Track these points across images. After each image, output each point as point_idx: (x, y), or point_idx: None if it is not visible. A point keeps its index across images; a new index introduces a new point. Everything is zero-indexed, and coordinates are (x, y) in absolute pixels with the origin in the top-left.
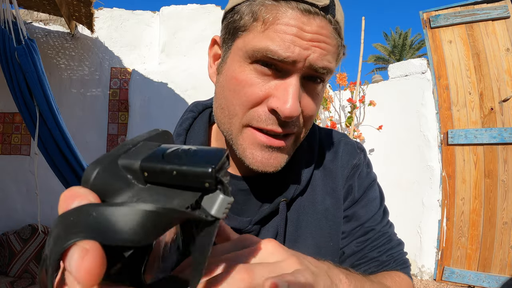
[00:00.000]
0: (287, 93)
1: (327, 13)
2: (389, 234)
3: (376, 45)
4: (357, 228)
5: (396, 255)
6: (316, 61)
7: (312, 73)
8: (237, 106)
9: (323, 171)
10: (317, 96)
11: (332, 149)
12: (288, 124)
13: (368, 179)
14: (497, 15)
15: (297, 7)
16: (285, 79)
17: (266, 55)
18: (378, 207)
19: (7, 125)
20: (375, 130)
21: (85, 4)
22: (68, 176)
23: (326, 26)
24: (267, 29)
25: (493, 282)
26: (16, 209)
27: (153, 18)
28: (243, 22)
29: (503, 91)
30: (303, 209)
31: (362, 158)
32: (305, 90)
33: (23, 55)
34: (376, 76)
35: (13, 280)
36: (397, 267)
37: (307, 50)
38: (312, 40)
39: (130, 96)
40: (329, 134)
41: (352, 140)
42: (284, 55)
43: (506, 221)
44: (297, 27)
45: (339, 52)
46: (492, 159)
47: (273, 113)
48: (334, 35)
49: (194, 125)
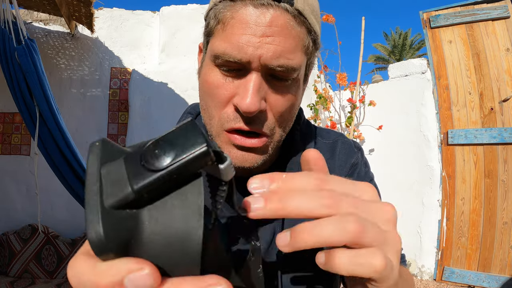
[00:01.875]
0: (246, 89)
1: (281, 2)
2: None
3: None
4: None
5: None
6: (270, 61)
7: (271, 72)
8: (213, 108)
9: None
10: (288, 94)
11: (329, 148)
12: (254, 121)
13: (366, 178)
14: (497, 15)
15: (251, 3)
16: (245, 77)
17: (224, 59)
18: None
19: (7, 125)
20: (375, 130)
21: (85, 4)
22: (68, 176)
23: (282, 15)
24: (225, 30)
25: (493, 282)
26: (16, 209)
27: (153, 18)
28: (210, 27)
29: (503, 91)
30: None
31: (359, 157)
32: (272, 88)
33: (23, 55)
34: (376, 76)
35: (13, 280)
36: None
37: (259, 49)
38: (265, 35)
39: (130, 96)
40: (326, 133)
41: (349, 139)
42: (238, 57)
43: (506, 221)
44: (250, 24)
45: (306, 43)
46: (492, 159)
47: (238, 111)
48: (294, 24)
49: None
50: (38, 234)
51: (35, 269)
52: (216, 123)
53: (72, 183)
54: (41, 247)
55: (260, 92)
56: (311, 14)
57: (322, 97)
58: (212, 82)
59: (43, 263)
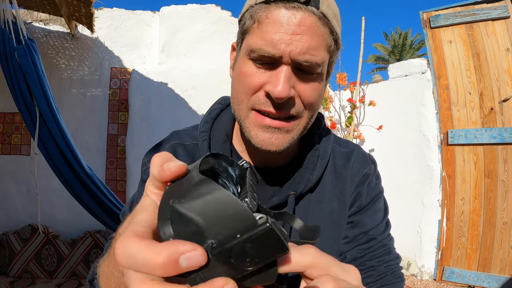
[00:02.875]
0: (278, 78)
1: (309, 5)
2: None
3: (376, 45)
4: (360, 235)
5: (393, 268)
6: (298, 56)
7: (298, 65)
8: (242, 94)
9: (333, 174)
10: (314, 85)
11: (345, 156)
12: (283, 105)
13: (376, 190)
14: (497, 15)
15: (283, 5)
16: (277, 69)
17: (259, 53)
18: (382, 218)
19: (7, 125)
20: (375, 130)
21: (85, 4)
22: (68, 176)
23: (309, 17)
24: (260, 28)
25: (493, 282)
26: (16, 209)
27: (153, 18)
28: (246, 26)
29: (503, 91)
30: (311, 207)
31: (372, 169)
32: (300, 79)
33: (23, 55)
34: (376, 76)
35: (13, 280)
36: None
37: (290, 46)
38: (295, 33)
39: (130, 96)
40: (344, 142)
41: (365, 152)
42: (272, 52)
43: (506, 221)
44: (282, 23)
45: (329, 42)
46: (492, 159)
47: (268, 97)
48: (319, 25)
49: (221, 115)
50: (38, 234)
51: (35, 269)
52: (245, 106)
53: (72, 183)
54: (41, 247)
55: (290, 81)
56: (333, 18)
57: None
58: (245, 72)
59: (43, 263)
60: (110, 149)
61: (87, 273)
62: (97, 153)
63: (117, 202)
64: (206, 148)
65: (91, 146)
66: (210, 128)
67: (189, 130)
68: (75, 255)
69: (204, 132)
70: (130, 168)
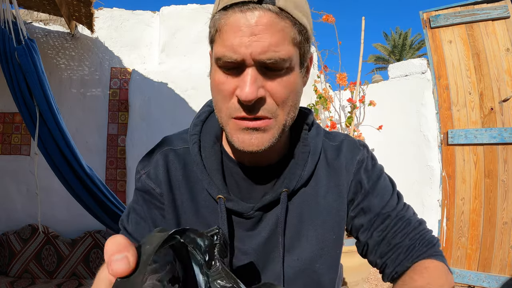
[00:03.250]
0: (244, 82)
1: (263, 3)
2: (407, 217)
3: (376, 45)
4: (374, 219)
5: (418, 237)
6: (260, 55)
7: (263, 65)
8: (220, 102)
9: (327, 168)
10: (285, 82)
11: (336, 149)
12: (254, 107)
13: (375, 171)
14: (497, 15)
15: (238, 9)
16: (243, 73)
17: (223, 60)
18: (390, 194)
19: (7, 125)
20: (375, 130)
21: (85, 4)
22: (68, 176)
23: (265, 15)
24: (221, 36)
25: (493, 282)
26: (16, 209)
27: (153, 18)
28: (211, 35)
29: (503, 91)
30: (306, 202)
31: (365, 153)
32: (269, 78)
33: (23, 55)
34: (376, 76)
35: (13, 280)
36: (423, 249)
37: (250, 47)
38: (253, 34)
39: (130, 96)
40: (333, 136)
41: (354, 138)
42: (234, 57)
43: (506, 221)
44: (239, 27)
45: (292, 35)
46: (492, 159)
47: (240, 102)
48: (278, 20)
49: (210, 117)
50: (38, 234)
51: (35, 269)
52: (224, 114)
53: (72, 183)
54: (41, 247)
55: (257, 82)
56: (294, 9)
57: (322, 97)
58: (217, 80)
59: (43, 263)
60: (110, 149)
61: (87, 273)
62: (97, 153)
63: (117, 202)
64: (197, 150)
65: (91, 146)
66: (200, 131)
67: (180, 134)
68: (75, 255)
69: (194, 135)
70: (130, 168)
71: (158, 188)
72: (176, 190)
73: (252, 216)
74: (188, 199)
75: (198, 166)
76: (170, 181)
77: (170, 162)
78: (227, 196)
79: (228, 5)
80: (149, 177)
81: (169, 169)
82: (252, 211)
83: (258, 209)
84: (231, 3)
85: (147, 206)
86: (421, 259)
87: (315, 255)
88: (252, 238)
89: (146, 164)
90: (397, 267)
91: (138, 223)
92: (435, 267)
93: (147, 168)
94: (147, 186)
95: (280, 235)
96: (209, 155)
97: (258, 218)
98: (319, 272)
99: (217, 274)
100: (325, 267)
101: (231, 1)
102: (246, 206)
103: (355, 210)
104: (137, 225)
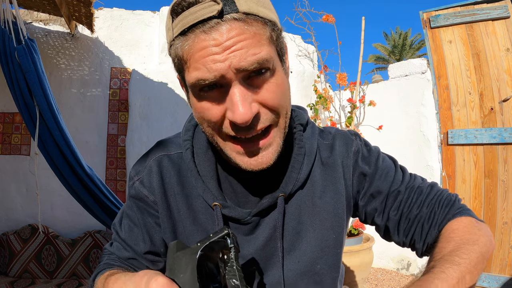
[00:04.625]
0: (234, 103)
1: (226, 14)
2: (417, 186)
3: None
4: (385, 200)
5: (434, 201)
6: (240, 64)
7: (247, 73)
8: (209, 128)
9: (322, 167)
10: (272, 85)
11: (329, 147)
12: (253, 124)
13: (372, 155)
14: (497, 15)
15: (200, 31)
16: (229, 92)
17: (200, 84)
18: (394, 171)
19: (7, 125)
20: (375, 130)
21: (85, 4)
22: (68, 176)
23: (232, 26)
24: (190, 63)
25: (493, 282)
26: (16, 209)
27: (153, 18)
28: (176, 65)
29: (503, 91)
30: (304, 204)
31: (358, 142)
32: (256, 88)
33: (23, 55)
34: (376, 76)
35: (13, 280)
36: (445, 210)
37: (226, 61)
38: (227, 48)
39: (130, 96)
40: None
41: (344, 131)
42: (211, 76)
43: (506, 221)
44: (209, 47)
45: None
46: (492, 159)
47: (234, 125)
48: (247, 26)
49: None
50: (38, 234)
51: (35, 269)
52: (218, 138)
53: (72, 183)
54: (41, 247)
55: (247, 98)
56: (259, 7)
57: (322, 97)
58: (202, 107)
59: (43, 263)
60: (110, 149)
61: (87, 273)
62: (97, 153)
63: (117, 202)
64: (190, 156)
65: (91, 146)
66: (192, 136)
67: (175, 138)
68: (75, 255)
69: (187, 141)
70: (130, 168)
71: (152, 196)
72: (171, 197)
73: (249, 221)
74: (185, 206)
75: (192, 172)
76: (165, 189)
77: (164, 169)
78: (223, 203)
79: (186, 29)
80: (142, 184)
81: (164, 176)
82: (249, 217)
83: (255, 215)
84: (189, 25)
85: (141, 214)
86: (446, 223)
87: (316, 256)
88: (250, 243)
89: (140, 170)
90: (426, 239)
91: (131, 229)
92: (463, 226)
93: (140, 175)
94: (141, 194)
95: (279, 239)
96: (203, 161)
97: (256, 223)
98: (320, 273)
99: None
100: (326, 267)
101: (188, 23)
102: (242, 212)
103: (364, 198)
104: (130, 231)
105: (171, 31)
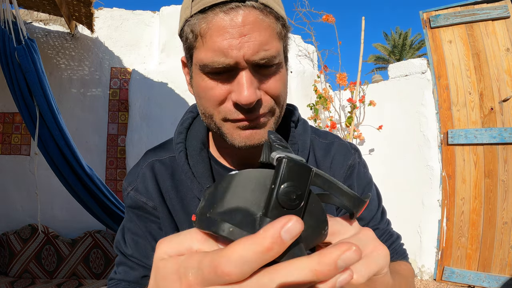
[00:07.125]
0: (241, 85)
1: (246, 1)
2: (389, 230)
3: (376, 45)
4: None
5: (397, 248)
6: (252, 57)
7: (256, 64)
8: (210, 108)
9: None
10: (277, 77)
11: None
12: (254, 108)
13: (365, 179)
14: (497, 15)
15: (220, 10)
16: (237, 76)
17: (213, 66)
18: (377, 206)
19: (7, 125)
20: (375, 130)
21: (85, 4)
22: (68, 176)
23: (251, 13)
24: (205, 41)
25: (493, 282)
26: (16, 209)
27: (153, 18)
28: (189, 42)
29: (503, 91)
30: None
31: (356, 158)
32: (262, 76)
33: (23, 55)
34: (376, 76)
35: (13, 280)
36: (399, 258)
37: (241, 49)
38: (242, 35)
39: (130, 96)
40: (323, 133)
41: (346, 141)
42: (226, 62)
43: (506, 221)
44: (226, 29)
45: (278, 30)
46: (492, 159)
47: (237, 106)
48: (263, 17)
49: (194, 124)
50: (38, 234)
51: (35, 269)
52: (216, 119)
53: (72, 183)
54: (41, 247)
55: (253, 84)
56: (274, 3)
57: (322, 97)
58: (205, 86)
59: (43, 263)
60: (110, 149)
61: (87, 273)
62: (97, 153)
63: (117, 202)
64: (184, 159)
65: (91, 146)
66: (185, 138)
67: (163, 145)
68: (75, 255)
69: (180, 143)
70: (130, 168)
71: (151, 201)
72: (167, 200)
73: None
74: (181, 209)
75: (187, 174)
76: (161, 192)
77: (157, 172)
78: None
79: (207, 7)
80: (137, 191)
81: (158, 180)
82: None
83: None
84: (211, 3)
85: (143, 222)
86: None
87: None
88: None
89: (132, 180)
90: None
91: (136, 243)
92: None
93: (134, 183)
94: (138, 202)
95: None
96: (197, 162)
97: None
98: None
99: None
100: None
101: (211, 1)
102: None
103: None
104: (136, 245)
105: (189, 9)
